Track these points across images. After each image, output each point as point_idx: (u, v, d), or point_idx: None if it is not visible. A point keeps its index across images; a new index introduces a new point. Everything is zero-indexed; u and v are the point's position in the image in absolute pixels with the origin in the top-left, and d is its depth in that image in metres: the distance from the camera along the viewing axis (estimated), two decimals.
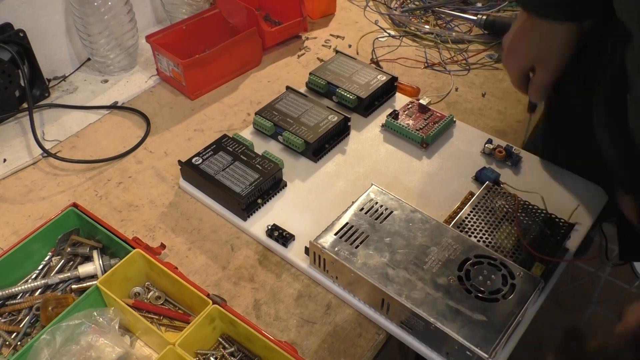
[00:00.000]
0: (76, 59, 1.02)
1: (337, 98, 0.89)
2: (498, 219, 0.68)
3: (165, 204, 0.77)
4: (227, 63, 0.96)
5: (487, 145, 0.80)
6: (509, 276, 0.59)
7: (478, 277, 0.59)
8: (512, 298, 0.58)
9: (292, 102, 0.86)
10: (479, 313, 0.56)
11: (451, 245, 0.63)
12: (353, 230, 0.64)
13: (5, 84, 0.87)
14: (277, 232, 0.70)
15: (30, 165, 0.83)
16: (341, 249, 0.63)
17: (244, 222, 0.73)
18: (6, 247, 0.67)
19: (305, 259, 0.67)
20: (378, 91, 0.88)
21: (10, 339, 0.61)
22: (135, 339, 0.63)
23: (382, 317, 0.62)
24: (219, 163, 0.76)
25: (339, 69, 0.92)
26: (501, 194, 0.71)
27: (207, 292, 0.60)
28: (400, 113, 0.86)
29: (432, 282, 0.59)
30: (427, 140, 0.82)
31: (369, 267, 0.61)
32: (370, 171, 0.79)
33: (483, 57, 1.02)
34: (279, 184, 0.76)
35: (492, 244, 0.65)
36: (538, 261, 0.63)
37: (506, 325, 0.55)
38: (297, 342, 0.61)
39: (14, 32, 0.86)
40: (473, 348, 0.54)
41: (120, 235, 0.66)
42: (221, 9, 1.03)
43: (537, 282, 0.59)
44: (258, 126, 0.84)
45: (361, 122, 0.87)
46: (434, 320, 0.56)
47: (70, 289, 0.65)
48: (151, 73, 1.00)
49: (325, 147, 0.82)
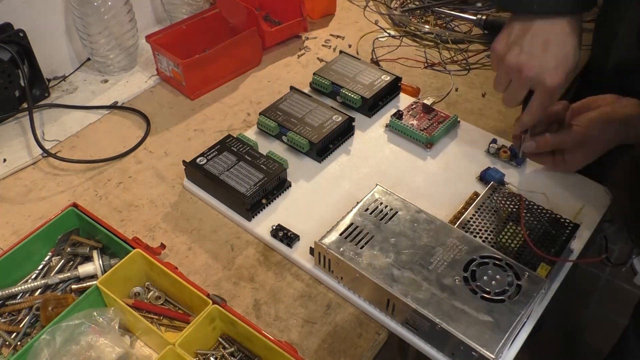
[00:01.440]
0: (76, 59, 1.02)
1: (341, 98, 0.89)
2: (503, 219, 0.68)
3: (165, 204, 0.77)
4: (227, 63, 0.96)
5: (492, 145, 0.80)
6: (514, 277, 0.59)
7: (483, 278, 0.59)
8: (518, 299, 0.57)
9: (296, 103, 0.86)
10: (484, 314, 0.56)
11: (456, 245, 0.62)
12: (358, 230, 0.64)
13: (5, 84, 0.87)
14: (282, 233, 0.70)
15: (30, 165, 0.83)
16: (346, 249, 0.63)
17: (249, 222, 0.73)
18: (6, 247, 0.67)
19: (310, 259, 0.67)
20: (382, 91, 0.88)
21: (10, 339, 0.61)
22: (135, 339, 0.63)
23: (388, 318, 0.62)
24: (224, 163, 0.76)
25: (343, 69, 0.92)
26: (506, 194, 0.71)
27: (207, 292, 0.60)
28: (404, 113, 0.86)
29: (438, 283, 0.59)
30: (431, 140, 0.82)
31: (374, 268, 0.61)
32: (375, 171, 0.79)
33: (483, 57, 1.02)
34: (284, 184, 0.76)
35: (497, 244, 0.65)
36: (543, 262, 0.63)
37: (512, 326, 0.55)
38: (297, 342, 0.61)
39: (14, 32, 0.86)
40: (479, 348, 0.54)
41: (120, 235, 0.66)
42: (221, 9, 1.03)
43: (543, 282, 0.59)
44: (262, 126, 0.84)
45: (365, 122, 0.87)
46: (440, 320, 0.56)
47: (70, 289, 0.65)
48: (151, 73, 1.00)
49: (330, 148, 0.82)
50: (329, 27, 1.12)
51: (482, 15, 1.06)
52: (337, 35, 1.09)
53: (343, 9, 1.17)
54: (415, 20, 1.11)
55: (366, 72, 0.91)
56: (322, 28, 1.12)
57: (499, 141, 0.81)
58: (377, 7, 1.17)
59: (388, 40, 1.07)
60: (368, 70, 0.91)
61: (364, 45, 1.06)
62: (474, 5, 1.13)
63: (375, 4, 1.18)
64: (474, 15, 1.07)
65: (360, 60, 0.94)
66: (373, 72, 0.91)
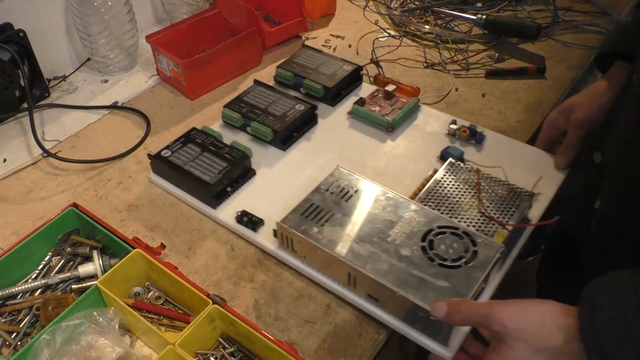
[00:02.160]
0: (76, 59, 1.02)
1: (304, 89, 0.90)
2: (461, 192, 0.69)
3: (166, 204, 0.77)
4: (227, 63, 0.96)
5: (452, 126, 0.82)
6: (470, 244, 0.61)
7: (441, 247, 0.61)
8: (474, 264, 0.59)
9: (259, 94, 0.87)
10: (442, 280, 0.57)
11: (414, 218, 0.64)
12: (319, 209, 0.66)
13: (5, 84, 0.87)
14: (247, 218, 0.71)
15: (30, 165, 0.83)
16: (307, 227, 0.64)
17: (214, 210, 0.73)
18: (6, 247, 0.67)
19: (274, 241, 0.68)
20: (344, 80, 0.90)
21: (10, 339, 0.61)
22: (135, 339, 0.63)
23: (351, 293, 0.63)
24: (188, 154, 0.76)
25: (306, 62, 0.93)
26: (464, 169, 0.72)
27: (207, 292, 0.60)
28: (366, 100, 0.87)
29: (396, 254, 0.60)
30: (393, 124, 0.83)
31: (335, 243, 0.62)
32: (338, 157, 0.81)
33: (483, 57, 1.01)
34: (248, 172, 0.77)
35: (456, 215, 0.67)
36: (500, 228, 0.65)
37: (470, 290, 0.56)
38: (297, 342, 0.61)
39: (14, 32, 0.86)
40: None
41: (120, 235, 0.66)
42: (221, 9, 1.03)
43: (498, 247, 0.60)
44: (227, 119, 0.85)
45: (329, 110, 0.89)
46: (398, 288, 0.57)
47: (70, 289, 0.65)
48: (151, 73, 1.00)
49: (294, 136, 0.83)
50: (329, 27, 1.12)
51: (482, 15, 1.06)
52: (337, 35, 1.09)
53: (343, 9, 1.17)
54: (415, 20, 1.11)
55: (328, 63, 0.92)
56: (322, 28, 1.12)
57: (458, 122, 0.83)
58: (377, 7, 1.17)
59: (388, 41, 1.07)
60: (330, 61, 0.93)
61: (363, 45, 1.06)
62: (474, 5, 1.13)
63: (375, 4, 1.18)
64: (474, 15, 1.07)
65: (322, 52, 0.95)
66: (335, 62, 0.93)
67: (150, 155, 0.77)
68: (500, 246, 0.61)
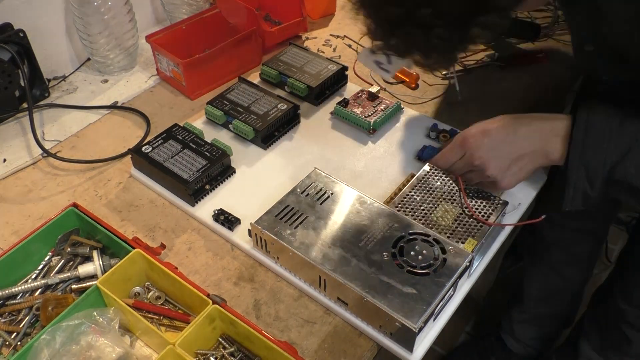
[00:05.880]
0: (76, 59, 1.02)
1: (288, 88, 0.91)
2: (436, 197, 0.69)
3: (166, 204, 0.77)
4: (227, 63, 0.96)
5: (432, 130, 0.82)
6: (440, 251, 0.61)
7: (411, 253, 0.61)
8: (442, 272, 0.59)
9: (243, 92, 0.87)
10: (409, 286, 0.58)
11: (387, 224, 0.64)
12: (293, 211, 0.66)
13: (5, 84, 0.87)
14: (223, 217, 0.71)
15: (30, 165, 0.83)
16: (280, 229, 0.64)
17: (192, 207, 0.74)
18: (6, 247, 0.67)
19: (249, 241, 0.69)
20: (329, 80, 0.90)
21: (10, 339, 0.61)
22: (135, 339, 0.63)
23: (322, 295, 0.63)
24: (168, 151, 0.77)
25: (291, 60, 0.94)
26: (440, 173, 0.72)
27: (207, 292, 0.60)
28: (350, 101, 0.87)
29: (367, 259, 0.61)
30: (374, 126, 0.84)
31: (307, 246, 0.62)
32: (318, 157, 0.81)
33: (483, 57, 1.01)
34: (228, 171, 0.77)
35: (430, 222, 0.67)
36: (471, 237, 0.65)
37: (435, 297, 0.57)
38: (297, 342, 0.61)
39: (14, 32, 0.86)
40: (401, 319, 0.55)
41: (120, 235, 0.66)
42: (221, 9, 1.03)
43: (467, 255, 0.61)
44: (209, 115, 0.86)
45: (312, 110, 0.89)
46: (365, 293, 0.57)
47: (70, 289, 0.65)
48: (151, 73, 1.00)
49: (275, 135, 0.83)
50: (329, 27, 1.12)
51: None
52: (337, 35, 1.09)
53: (343, 9, 1.17)
54: None
55: (314, 62, 0.93)
56: (322, 28, 1.12)
57: (439, 125, 0.83)
58: None
59: None
60: (316, 60, 0.93)
61: (364, 45, 1.06)
62: None
63: None
64: None
65: (309, 51, 0.96)
66: (320, 62, 0.93)
67: (131, 150, 0.78)
68: (470, 254, 0.61)
